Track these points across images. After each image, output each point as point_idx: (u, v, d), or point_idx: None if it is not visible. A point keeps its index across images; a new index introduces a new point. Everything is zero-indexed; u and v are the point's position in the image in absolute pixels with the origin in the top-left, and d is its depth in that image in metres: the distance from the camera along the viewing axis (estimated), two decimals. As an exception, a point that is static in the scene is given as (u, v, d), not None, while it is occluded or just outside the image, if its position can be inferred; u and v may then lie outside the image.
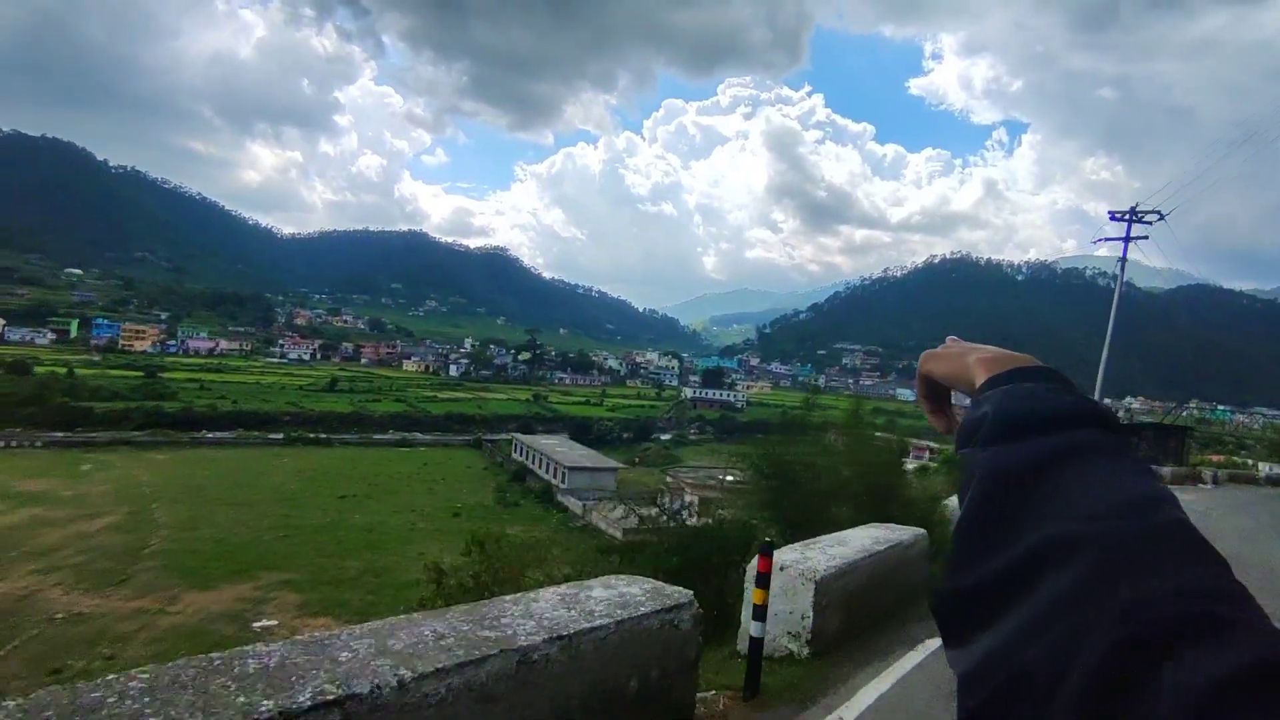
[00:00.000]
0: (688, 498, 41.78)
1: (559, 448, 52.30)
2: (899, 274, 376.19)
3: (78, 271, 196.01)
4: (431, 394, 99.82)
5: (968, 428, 0.56)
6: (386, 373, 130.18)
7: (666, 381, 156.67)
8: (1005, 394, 0.56)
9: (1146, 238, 26.15)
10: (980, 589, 0.45)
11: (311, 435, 57.47)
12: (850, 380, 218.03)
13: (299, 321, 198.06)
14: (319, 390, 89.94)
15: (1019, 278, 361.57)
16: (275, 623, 22.08)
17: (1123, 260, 26.65)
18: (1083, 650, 0.36)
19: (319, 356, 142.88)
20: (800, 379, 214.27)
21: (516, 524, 40.73)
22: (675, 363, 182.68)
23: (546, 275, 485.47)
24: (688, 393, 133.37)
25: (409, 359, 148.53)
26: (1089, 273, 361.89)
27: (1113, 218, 26.76)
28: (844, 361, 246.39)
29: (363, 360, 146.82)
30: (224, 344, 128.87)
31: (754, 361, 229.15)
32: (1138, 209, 26.18)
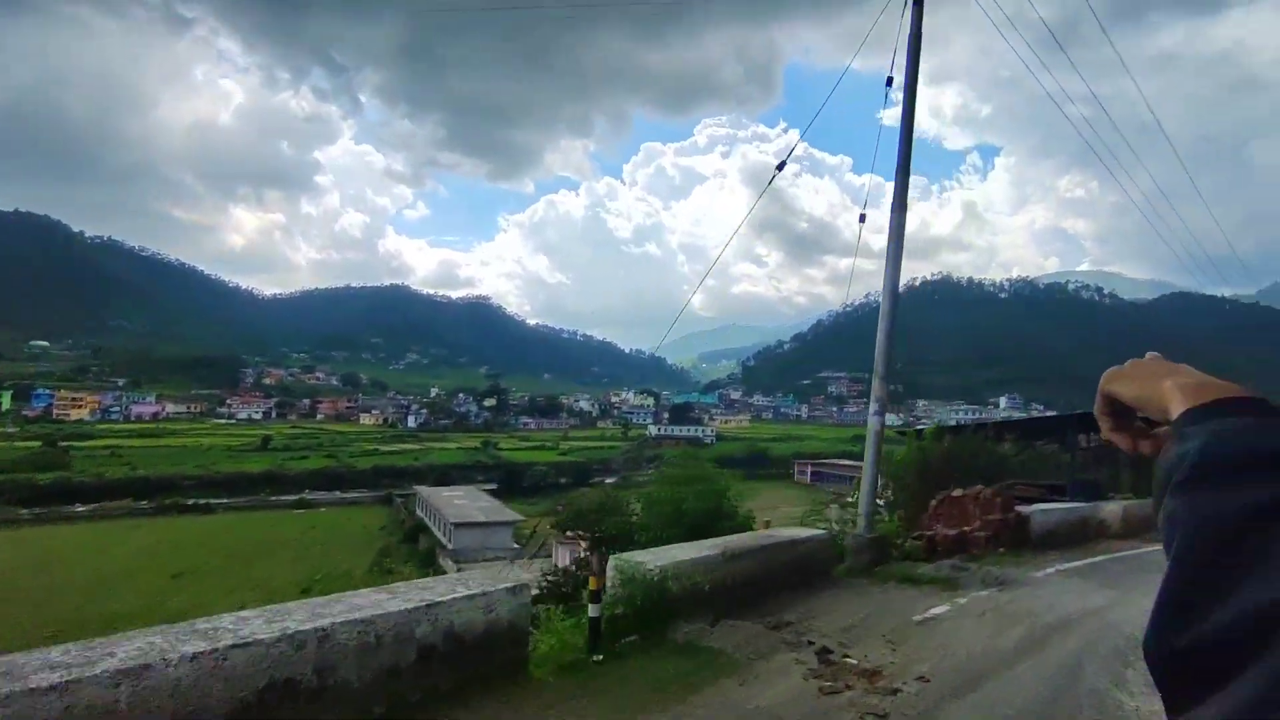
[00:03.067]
0: (580, 554, 36.72)
1: (458, 500, 47.40)
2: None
3: (44, 343, 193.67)
4: (374, 447, 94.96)
5: (1167, 466, 0.51)
6: (341, 427, 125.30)
7: (640, 421, 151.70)
8: (1212, 431, 0.50)
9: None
10: (1199, 651, 0.40)
11: (189, 501, 52.51)
12: (834, 409, 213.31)
13: (268, 381, 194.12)
14: (249, 450, 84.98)
15: (1001, 295, 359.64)
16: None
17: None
18: None
19: (274, 415, 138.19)
20: (781, 410, 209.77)
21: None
22: (651, 400, 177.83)
23: (531, 322, 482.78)
24: (653, 430, 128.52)
25: (368, 412, 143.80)
26: (1071, 287, 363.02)
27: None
28: (829, 389, 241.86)
29: (319, 416, 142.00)
30: (170, 408, 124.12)
31: (735, 395, 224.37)
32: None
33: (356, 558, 41.35)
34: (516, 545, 42.36)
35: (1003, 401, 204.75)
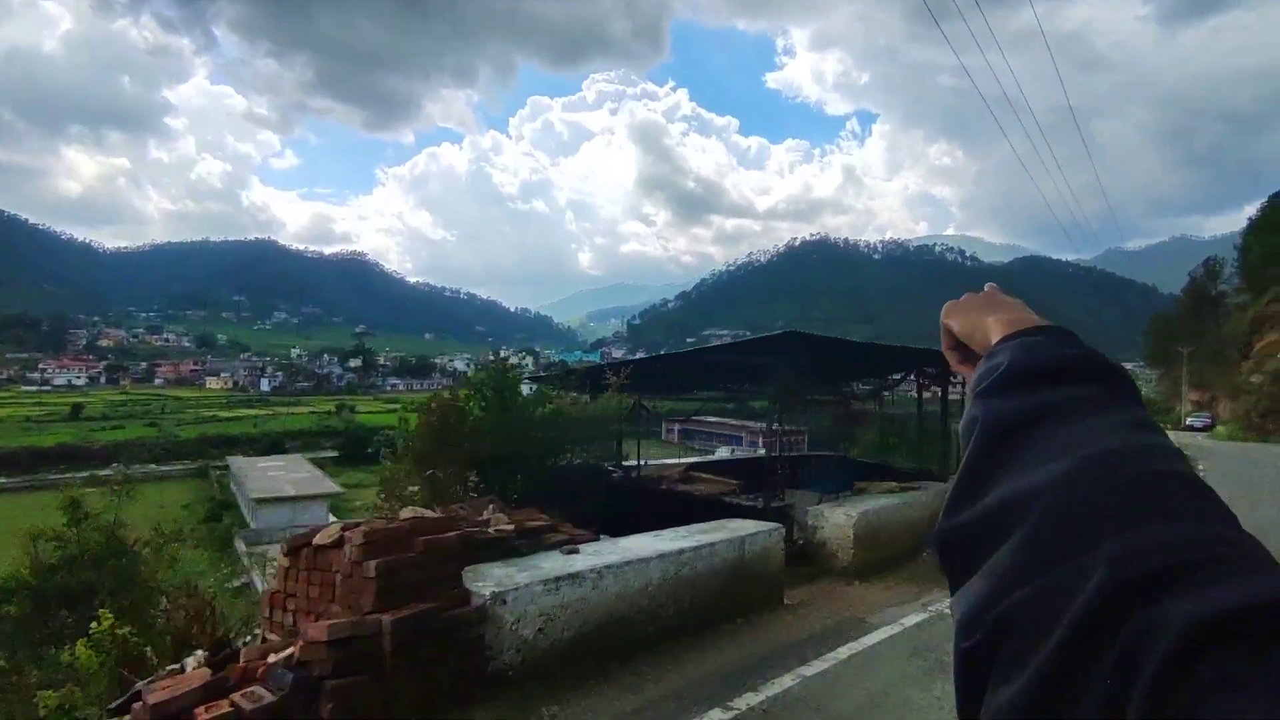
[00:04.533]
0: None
1: (273, 472, 41.98)
2: (763, 259, 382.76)
3: None
4: (212, 414, 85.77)
5: (979, 377, 0.56)
6: (181, 393, 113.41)
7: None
8: (1017, 346, 0.56)
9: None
10: (972, 528, 0.46)
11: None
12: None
13: (105, 343, 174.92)
14: (54, 420, 74.38)
15: (875, 256, 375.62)
16: None
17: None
18: (1074, 591, 0.36)
19: (102, 380, 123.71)
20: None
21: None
22: (530, 360, 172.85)
23: (412, 280, 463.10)
24: (527, 390, 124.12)
25: (217, 375, 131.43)
26: (938, 249, 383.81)
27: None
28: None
29: (157, 381, 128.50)
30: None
31: (617, 354, 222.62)
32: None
33: (139, 543, 35.36)
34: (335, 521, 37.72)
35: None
